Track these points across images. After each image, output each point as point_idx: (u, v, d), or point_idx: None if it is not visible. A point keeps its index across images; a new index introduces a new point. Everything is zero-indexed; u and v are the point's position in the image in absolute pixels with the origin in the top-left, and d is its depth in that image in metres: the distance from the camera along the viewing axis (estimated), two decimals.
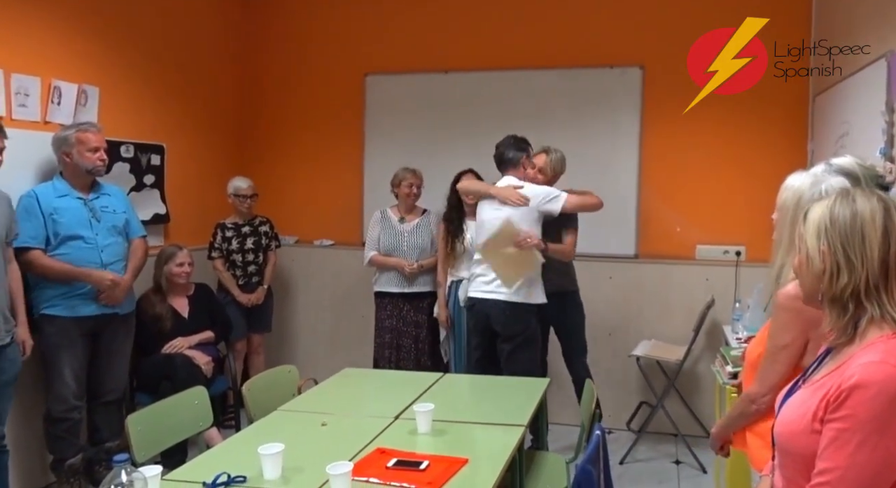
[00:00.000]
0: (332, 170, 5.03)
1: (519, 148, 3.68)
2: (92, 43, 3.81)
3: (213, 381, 3.86)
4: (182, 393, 2.74)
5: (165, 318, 3.87)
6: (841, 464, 1.18)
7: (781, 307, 1.76)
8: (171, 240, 4.25)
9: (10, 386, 3.00)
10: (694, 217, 4.43)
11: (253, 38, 5.10)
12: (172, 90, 4.42)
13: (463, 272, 4.06)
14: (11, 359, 2.98)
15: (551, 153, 3.89)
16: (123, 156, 4.00)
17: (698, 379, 4.39)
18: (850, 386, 1.19)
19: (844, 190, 1.35)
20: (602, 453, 2.28)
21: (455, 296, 4.15)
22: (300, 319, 5.13)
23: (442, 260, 4.20)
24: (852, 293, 1.25)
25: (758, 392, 1.83)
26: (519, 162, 3.66)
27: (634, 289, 4.47)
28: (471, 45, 4.69)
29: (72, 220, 3.31)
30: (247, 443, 2.30)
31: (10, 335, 2.95)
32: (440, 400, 2.68)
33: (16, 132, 3.11)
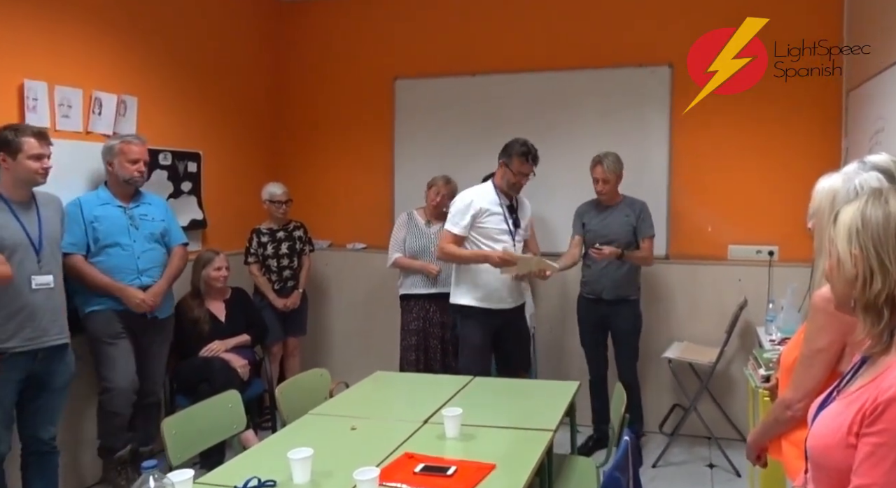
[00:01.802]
0: (363, 174, 5.09)
1: (504, 151, 3.69)
2: (130, 54, 3.93)
3: (249, 384, 3.95)
4: (216, 397, 2.80)
5: (203, 322, 3.97)
6: (878, 481, 1.13)
7: (818, 309, 1.71)
8: (209, 246, 4.36)
9: (65, 389, 3.12)
10: (726, 216, 4.38)
11: (285, 46, 5.19)
12: (208, 98, 4.53)
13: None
14: (67, 361, 3.09)
15: (604, 161, 3.92)
16: (161, 164, 4.12)
17: (731, 381, 4.34)
18: (888, 399, 1.14)
19: (877, 190, 1.28)
20: (632, 458, 2.28)
21: None
22: (334, 322, 5.21)
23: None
24: (887, 299, 1.18)
25: (793, 397, 1.78)
26: (499, 164, 3.70)
27: (665, 289, 4.44)
28: (498, 47, 4.71)
29: (111, 228, 3.43)
30: (278, 447, 2.35)
31: (65, 337, 3.06)
32: (469, 404, 2.71)
33: (60, 142, 3.25)
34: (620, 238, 3.97)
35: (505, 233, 3.68)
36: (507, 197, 3.72)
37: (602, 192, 3.97)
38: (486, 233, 3.67)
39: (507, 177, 3.66)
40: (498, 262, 3.56)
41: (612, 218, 4.02)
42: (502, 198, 3.71)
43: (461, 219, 3.66)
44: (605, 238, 3.97)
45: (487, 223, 3.66)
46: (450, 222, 3.72)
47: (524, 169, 3.64)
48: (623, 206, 4.03)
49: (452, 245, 3.68)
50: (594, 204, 4.10)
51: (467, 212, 3.65)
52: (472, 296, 3.71)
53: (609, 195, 4.00)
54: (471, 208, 3.64)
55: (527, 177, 3.68)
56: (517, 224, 3.73)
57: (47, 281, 2.97)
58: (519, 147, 3.63)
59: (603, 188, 3.94)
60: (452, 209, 3.74)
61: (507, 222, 3.69)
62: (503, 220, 3.68)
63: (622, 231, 3.99)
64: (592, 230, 4.05)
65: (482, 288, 3.67)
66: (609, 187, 3.94)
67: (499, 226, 3.67)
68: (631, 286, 4.06)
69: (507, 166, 3.65)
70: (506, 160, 3.65)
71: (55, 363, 3.03)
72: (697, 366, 4.13)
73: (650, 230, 4.03)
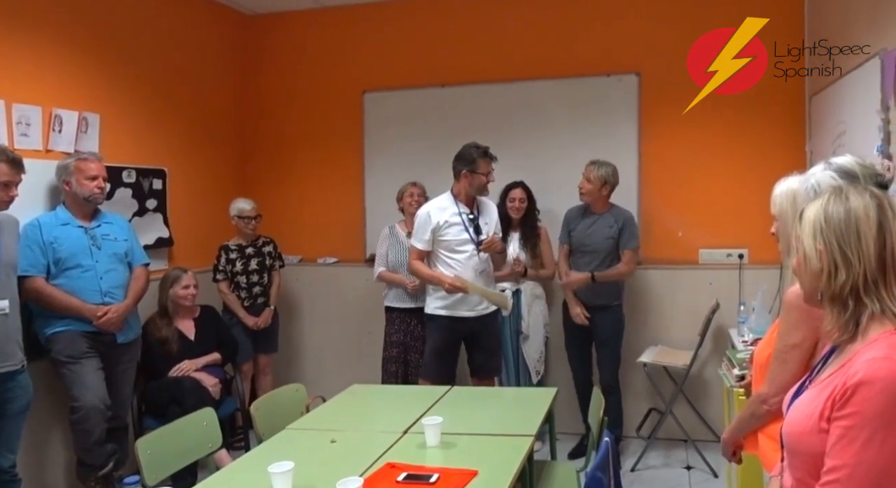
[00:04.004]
0: (333, 187, 5.05)
1: (463, 159, 3.72)
2: (92, 70, 3.85)
3: (220, 403, 3.86)
4: (191, 416, 2.74)
5: (172, 341, 3.88)
6: (849, 462, 1.18)
7: (791, 305, 1.76)
8: (175, 264, 4.27)
9: (22, 414, 3.01)
10: (695, 221, 4.44)
11: (252, 60, 5.15)
12: (173, 114, 4.46)
13: (504, 283, 4.17)
14: (23, 385, 2.99)
15: (595, 165, 4.02)
16: (125, 182, 4.03)
17: (706, 383, 4.37)
18: (855, 383, 1.19)
19: (837, 188, 1.35)
20: (612, 460, 2.28)
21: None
22: (307, 338, 5.13)
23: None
24: (851, 290, 1.25)
25: (769, 392, 1.82)
26: (460, 174, 3.73)
27: (639, 295, 4.47)
28: (467, 58, 4.73)
29: (72, 249, 3.34)
30: (256, 463, 2.30)
31: (22, 363, 2.96)
32: (448, 413, 2.69)
33: None
34: (601, 248, 4.05)
35: (466, 242, 3.72)
36: (466, 205, 3.75)
37: (582, 190, 4.05)
38: (447, 246, 3.72)
39: (475, 182, 3.70)
40: (449, 288, 3.63)
41: (595, 227, 4.09)
42: (462, 208, 3.74)
43: (423, 234, 3.73)
44: (587, 247, 4.07)
45: (447, 235, 3.71)
46: (414, 237, 3.81)
47: (490, 167, 3.71)
48: (608, 216, 4.10)
49: (418, 261, 3.78)
50: (582, 210, 4.18)
51: (427, 226, 3.71)
52: (438, 304, 3.77)
53: (592, 199, 4.07)
54: (430, 223, 3.71)
55: (490, 175, 3.74)
56: (479, 231, 3.76)
57: (2, 307, 2.87)
58: (477, 150, 3.70)
59: (583, 185, 4.03)
60: (415, 224, 3.81)
61: (467, 231, 3.72)
62: (463, 230, 3.72)
63: (603, 241, 4.05)
64: (576, 237, 4.14)
65: (447, 296, 3.72)
66: (589, 188, 4.01)
67: (459, 236, 3.71)
68: (613, 292, 4.12)
69: (472, 172, 3.69)
70: (470, 167, 3.69)
71: (11, 389, 2.92)
72: (672, 370, 4.16)
73: (631, 242, 4.07)
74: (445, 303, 3.73)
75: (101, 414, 3.33)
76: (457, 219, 3.71)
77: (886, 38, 2.74)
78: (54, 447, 3.46)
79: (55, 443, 3.46)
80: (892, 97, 2.62)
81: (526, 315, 4.19)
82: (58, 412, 3.42)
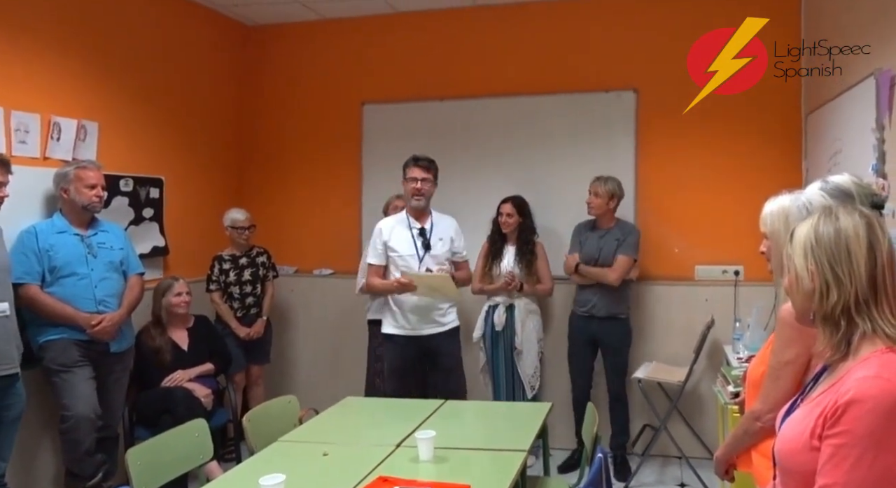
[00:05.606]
0: (330, 199, 5.05)
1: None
2: (91, 79, 3.86)
3: (212, 414, 3.83)
4: (182, 426, 2.72)
5: (165, 351, 3.86)
6: (840, 480, 1.18)
7: (785, 323, 1.75)
8: (171, 273, 4.26)
9: (17, 422, 2.99)
10: (692, 237, 4.45)
11: (251, 70, 5.16)
12: (171, 124, 4.47)
13: (498, 298, 4.17)
14: (19, 393, 2.97)
15: (602, 179, 4.08)
16: (122, 190, 4.03)
17: (701, 400, 4.36)
18: (846, 401, 1.19)
19: (827, 207, 1.36)
20: (605, 475, 2.27)
21: (491, 321, 4.21)
22: (300, 349, 5.11)
23: (479, 277, 4.25)
24: (843, 310, 1.26)
25: (762, 409, 1.82)
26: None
27: (634, 310, 4.45)
28: (466, 72, 4.75)
29: (68, 257, 3.33)
30: (248, 475, 2.29)
31: (17, 367, 2.94)
32: (441, 427, 2.67)
33: (16, 168, 3.12)
34: (609, 263, 4.10)
35: (411, 257, 3.75)
36: (416, 219, 3.79)
37: (590, 206, 4.11)
38: (393, 260, 3.77)
39: (405, 190, 3.79)
40: (398, 288, 3.65)
41: (604, 241, 4.15)
42: (412, 222, 3.78)
43: (374, 249, 3.81)
44: (597, 262, 4.13)
45: (395, 249, 3.75)
46: (368, 254, 3.87)
47: (413, 173, 3.74)
48: (616, 230, 4.15)
49: (373, 277, 3.82)
50: (590, 225, 4.23)
51: (377, 241, 3.79)
52: (389, 322, 3.82)
53: (600, 214, 4.13)
54: (379, 237, 3.78)
55: (417, 182, 3.73)
56: (428, 246, 3.76)
57: (2, 308, 2.86)
58: (410, 158, 3.79)
59: (591, 200, 4.10)
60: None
61: (414, 246, 3.75)
62: (411, 245, 3.75)
63: (612, 255, 4.10)
64: (586, 252, 4.18)
65: (396, 314, 3.78)
66: (598, 202, 4.08)
67: (406, 251, 3.75)
68: (621, 304, 4.17)
69: (404, 180, 3.78)
70: (403, 176, 3.79)
71: (9, 395, 2.91)
72: (667, 386, 4.15)
73: (627, 250, 4.09)
74: (396, 321, 3.78)
75: (91, 424, 3.31)
76: (404, 233, 3.77)
77: (880, 58, 2.75)
78: (43, 457, 3.44)
79: (44, 453, 3.44)
80: (886, 116, 2.64)
81: (520, 330, 4.17)
82: (47, 421, 3.40)
